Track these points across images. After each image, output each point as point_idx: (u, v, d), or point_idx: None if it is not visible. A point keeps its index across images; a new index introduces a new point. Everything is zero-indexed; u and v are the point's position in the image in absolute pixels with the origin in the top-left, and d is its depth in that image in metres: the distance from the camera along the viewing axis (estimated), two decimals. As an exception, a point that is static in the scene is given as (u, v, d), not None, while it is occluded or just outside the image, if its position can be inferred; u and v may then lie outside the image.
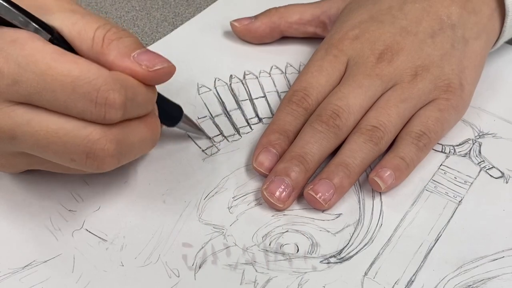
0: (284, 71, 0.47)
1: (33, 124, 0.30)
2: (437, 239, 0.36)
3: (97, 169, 0.31)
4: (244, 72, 0.47)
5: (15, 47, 0.29)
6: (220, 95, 0.45)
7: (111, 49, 0.31)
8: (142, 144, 0.33)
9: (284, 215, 0.37)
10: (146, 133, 0.33)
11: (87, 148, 0.30)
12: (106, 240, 0.35)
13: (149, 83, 0.32)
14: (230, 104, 0.44)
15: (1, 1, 0.30)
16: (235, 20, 0.49)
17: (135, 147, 0.33)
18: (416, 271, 0.35)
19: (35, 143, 0.30)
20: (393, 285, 0.34)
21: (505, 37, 0.45)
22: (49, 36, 0.30)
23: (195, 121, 0.41)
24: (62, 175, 0.38)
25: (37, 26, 0.30)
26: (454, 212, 0.38)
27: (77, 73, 0.29)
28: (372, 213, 0.38)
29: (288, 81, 0.46)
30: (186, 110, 0.43)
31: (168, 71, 0.32)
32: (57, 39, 0.31)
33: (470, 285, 0.34)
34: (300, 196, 0.38)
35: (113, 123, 0.31)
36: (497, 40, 0.45)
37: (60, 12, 0.31)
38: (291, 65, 0.48)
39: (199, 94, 0.45)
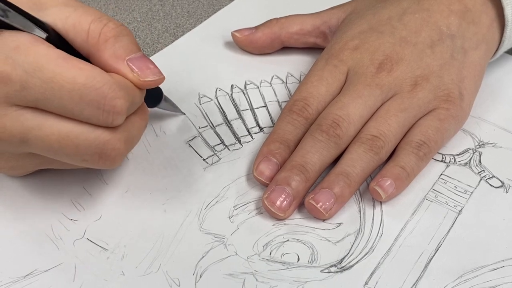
0: (285, 81, 0.47)
1: (44, 129, 0.31)
2: (437, 249, 0.36)
3: (109, 166, 0.33)
4: (245, 82, 0.47)
5: (20, 53, 0.29)
6: (221, 104, 0.45)
7: (107, 47, 0.32)
8: (140, 132, 0.35)
9: (284, 224, 0.37)
10: (140, 123, 0.35)
11: (98, 149, 0.32)
12: (107, 249, 0.36)
13: (136, 86, 0.33)
14: (231, 113, 0.44)
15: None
16: (236, 31, 0.49)
17: (136, 137, 0.35)
18: (416, 280, 0.35)
19: (48, 147, 0.31)
20: (394, 295, 0.34)
21: (504, 47, 0.45)
22: (46, 34, 0.31)
23: (172, 100, 0.43)
24: (63, 184, 0.38)
25: (34, 26, 0.30)
26: (454, 221, 0.38)
27: (83, 80, 0.30)
28: (372, 223, 0.38)
29: (289, 90, 0.47)
30: (187, 120, 0.43)
31: (157, 82, 0.33)
32: (53, 36, 0.31)
33: (471, 294, 0.34)
34: (301, 205, 0.38)
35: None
36: (496, 50, 0.45)
37: (53, 7, 0.32)
38: (291, 75, 0.48)
39: (200, 104, 0.45)
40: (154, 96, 0.40)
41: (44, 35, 0.31)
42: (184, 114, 0.44)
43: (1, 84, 0.29)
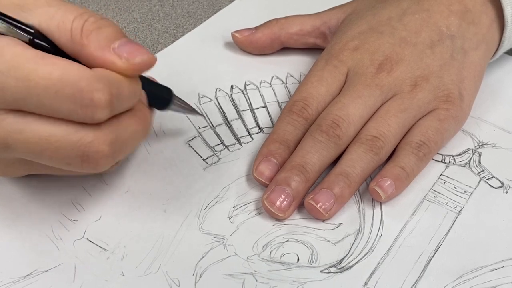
0: (284, 81, 0.47)
1: (24, 133, 0.30)
2: (437, 249, 0.36)
3: (94, 170, 0.32)
4: (245, 82, 0.47)
5: None
6: (221, 105, 0.45)
7: (91, 41, 0.31)
8: (134, 137, 0.33)
9: (284, 224, 0.37)
10: (136, 126, 0.33)
11: (80, 152, 0.30)
12: (107, 250, 0.36)
13: (129, 75, 0.32)
14: (231, 114, 0.44)
15: None
16: (236, 31, 0.49)
17: (128, 142, 0.33)
18: (416, 281, 0.35)
19: (29, 151, 0.30)
20: (393, 295, 0.34)
21: (504, 47, 0.45)
22: (29, 36, 0.30)
23: (186, 101, 0.40)
24: (63, 184, 0.38)
25: (15, 29, 0.30)
26: (454, 222, 0.38)
27: (58, 75, 0.29)
28: (372, 223, 0.38)
29: (288, 91, 0.47)
30: (187, 120, 0.43)
31: (149, 62, 0.32)
32: (38, 38, 0.30)
33: (470, 295, 0.34)
34: (301, 206, 0.38)
35: (103, 122, 0.31)
36: (496, 51, 0.45)
37: (37, 8, 0.31)
38: (291, 76, 0.48)
39: (200, 104, 0.45)
40: (162, 97, 0.38)
41: (27, 37, 0.30)
42: (202, 115, 0.42)
43: None
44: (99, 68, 0.31)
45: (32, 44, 0.30)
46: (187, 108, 0.40)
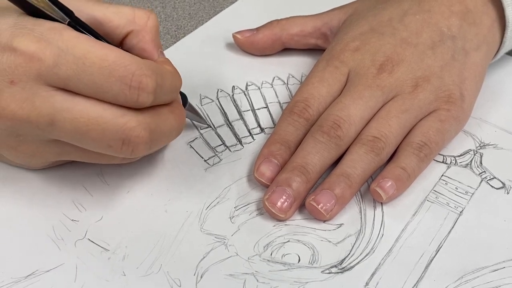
0: (286, 82, 0.47)
1: (73, 111, 0.32)
2: (438, 250, 0.36)
3: (131, 154, 0.33)
4: (247, 83, 0.47)
5: (54, 33, 0.31)
6: (223, 106, 0.45)
7: (152, 32, 0.37)
8: (170, 132, 0.35)
9: (285, 225, 0.37)
10: (174, 122, 0.35)
11: (124, 135, 0.32)
12: (108, 250, 0.36)
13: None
14: (232, 114, 0.45)
15: None
16: (237, 32, 0.49)
17: (164, 135, 0.35)
18: (417, 281, 0.35)
19: (75, 130, 0.32)
20: (394, 295, 0.34)
21: (505, 48, 0.45)
22: (68, 19, 0.33)
23: (197, 108, 0.43)
24: (64, 184, 0.38)
25: (57, 10, 0.32)
26: (455, 222, 0.38)
27: (113, 58, 0.31)
28: (373, 224, 0.38)
29: (290, 92, 0.47)
30: (188, 121, 0.43)
31: None
32: (76, 21, 0.33)
33: (471, 295, 0.34)
34: (302, 206, 0.38)
35: (146, 111, 0.33)
36: (497, 51, 0.45)
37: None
38: (293, 76, 0.48)
39: (201, 105, 0.45)
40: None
41: (66, 20, 0.33)
42: (210, 126, 0.43)
43: (34, 61, 0.31)
44: (148, 60, 0.34)
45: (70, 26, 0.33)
46: (197, 115, 0.42)
